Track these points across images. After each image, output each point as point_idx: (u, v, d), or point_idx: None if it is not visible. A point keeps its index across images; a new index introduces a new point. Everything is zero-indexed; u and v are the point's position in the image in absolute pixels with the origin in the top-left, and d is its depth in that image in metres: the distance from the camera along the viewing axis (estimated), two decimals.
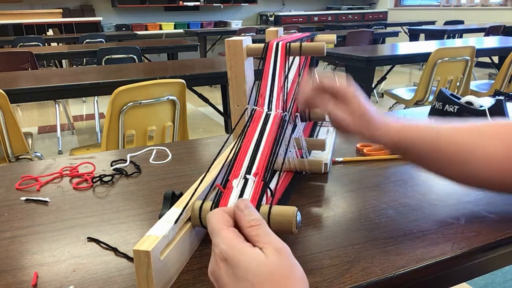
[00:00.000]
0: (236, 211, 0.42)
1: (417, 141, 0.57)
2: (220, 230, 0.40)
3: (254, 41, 0.69)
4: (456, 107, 0.99)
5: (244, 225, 0.40)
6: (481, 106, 0.96)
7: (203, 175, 0.56)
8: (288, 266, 0.37)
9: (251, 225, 0.40)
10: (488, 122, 0.58)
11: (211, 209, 0.49)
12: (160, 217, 0.47)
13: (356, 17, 8.13)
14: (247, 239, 0.39)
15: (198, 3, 7.30)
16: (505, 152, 0.53)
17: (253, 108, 0.64)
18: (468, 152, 0.55)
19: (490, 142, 0.55)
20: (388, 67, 3.36)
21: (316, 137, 0.83)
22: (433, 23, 6.94)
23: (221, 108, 2.93)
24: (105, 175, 0.76)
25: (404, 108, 2.81)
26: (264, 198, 0.51)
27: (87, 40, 4.45)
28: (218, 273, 0.38)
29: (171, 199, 0.53)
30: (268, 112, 0.63)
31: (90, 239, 0.55)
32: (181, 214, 0.47)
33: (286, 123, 0.62)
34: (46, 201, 0.67)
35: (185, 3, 7.18)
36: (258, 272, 0.36)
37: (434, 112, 1.03)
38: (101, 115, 4.05)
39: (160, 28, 6.98)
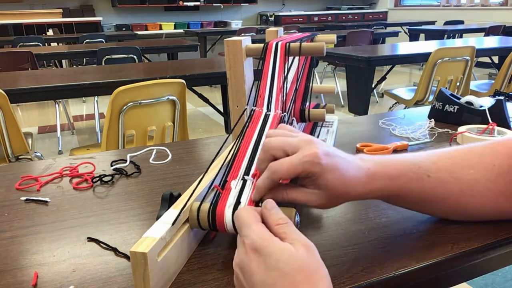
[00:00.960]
0: (263, 210, 0.43)
1: (403, 191, 0.52)
2: (251, 223, 0.41)
3: (254, 41, 0.69)
4: (456, 107, 0.99)
5: (272, 223, 0.41)
6: (481, 106, 0.96)
7: (201, 176, 0.56)
8: (317, 262, 0.38)
9: (278, 223, 0.41)
10: (459, 149, 0.55)
11: (209, 211, 0.49)
12: (157, 218, 0.47)
13: (356, 17, 8.13)
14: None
15: (198, 3, 7.30)
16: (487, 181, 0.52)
17: (252, 109, 0.64)
18: (458, 193, 0.52)
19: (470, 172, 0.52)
20: (388, 67, 3.36)
21: (316, 137, 0.83)
22: (433, 23, 6.94)
23: (221, 108, 2.93)
24: (105, 175, 0.76)
25: (404, 108, 2.81)
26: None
27: (87, 40, 4.46)
28: (246, 262, 0.39)
29: (169, 200, 0.53)
30: (267, 113, 0.63)
31: (90, 239, 0.55)
32: (178, 215, 0.47)
33: (285, 124, 0.62)
34: (46, 201, 0.67)
35: (185, 3, 7.19)
36: (290, 262, 0.37)
37: (434, 112, 1.03)
38: (101, 115, 4.05)
39: (160, 28, 6.99)
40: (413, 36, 6.19)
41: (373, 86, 3.04)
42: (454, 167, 0.53)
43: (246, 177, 0.53)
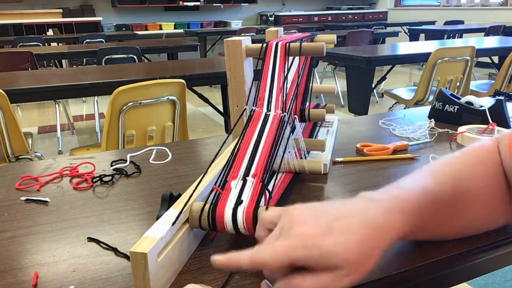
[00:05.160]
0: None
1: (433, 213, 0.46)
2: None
3: (254, 41, 0.69)
4: (456, 107, 0.99)
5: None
6: (481, 106, 0.96)
7: (201, 176, 0.56)
8: None
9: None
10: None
11: (208, 211, 0.49)
12: (157, 218, 0.47)
13: (356, 17, 8.13)
14: None
15: (198, 3, 7.30)
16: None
17: (252, 109, 0.64)
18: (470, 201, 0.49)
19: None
20: (388, 67, 3.36)
21: (316, 137, 0.83)
22: (433, 23, 6.94)
23: (221, 108, 2.93)
24: (105, 175, 0.76)
25: (404, 108, 2.81)
26: (263, 199, 0.51)
27: (87, 40, 4.46)
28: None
29: (169, 200, 0.53)
30: (267, 113, 0.63)
31: (90, 239, 0.55)
32: (178, 215, 0.47)
33: (285, 124, 0.62)
34: (46, 201, 0.67)
35: (185, 3, 7.18)
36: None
37: (434, 112, 1.03)
38: (101, 115, 4.05)
39: (160, 28, 6.98)
40: (413, 36, 6.19)
41: (373, 86, 3.04)
42: (457, 183, 0.49)
43: (246, 178, 0.53)
